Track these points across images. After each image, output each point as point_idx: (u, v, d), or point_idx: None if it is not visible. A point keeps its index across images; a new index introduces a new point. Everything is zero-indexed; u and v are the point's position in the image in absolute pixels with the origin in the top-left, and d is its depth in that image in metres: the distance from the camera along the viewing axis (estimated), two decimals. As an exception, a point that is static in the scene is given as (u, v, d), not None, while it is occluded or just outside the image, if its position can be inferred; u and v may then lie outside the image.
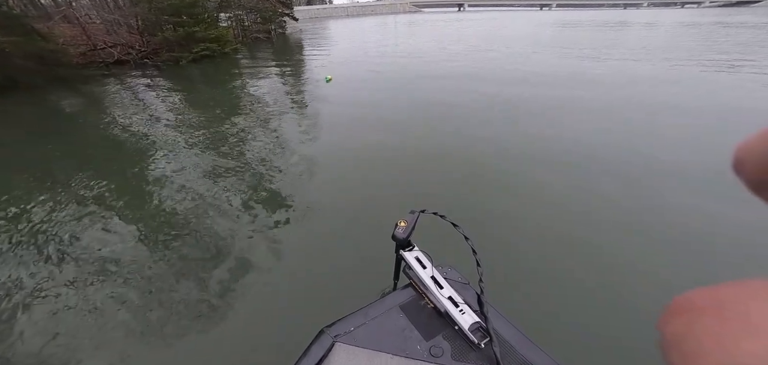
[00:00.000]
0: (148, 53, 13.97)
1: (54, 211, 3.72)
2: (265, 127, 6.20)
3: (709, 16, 34.66)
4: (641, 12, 53.84)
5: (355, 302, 1.22)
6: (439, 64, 11.57)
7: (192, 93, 9.31)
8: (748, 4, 70.58)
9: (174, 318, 2.36)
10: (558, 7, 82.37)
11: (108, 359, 2.14)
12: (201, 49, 13.57)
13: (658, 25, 24.08)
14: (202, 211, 3.54)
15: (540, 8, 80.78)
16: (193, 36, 13.29)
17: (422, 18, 47.43)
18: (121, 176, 4.48)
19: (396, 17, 54.50)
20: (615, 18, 35.60)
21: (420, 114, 6.44)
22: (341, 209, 3.50)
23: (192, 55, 13.30)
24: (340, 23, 42.48)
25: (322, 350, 1.01)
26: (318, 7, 70.22)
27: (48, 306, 2.51)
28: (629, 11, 61.42)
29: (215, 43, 14.08)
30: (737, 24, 22.79)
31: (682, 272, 2.54)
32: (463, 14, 58.89)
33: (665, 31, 19.74)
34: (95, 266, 2.87)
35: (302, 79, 10.42)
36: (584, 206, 3.41)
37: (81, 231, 3.33)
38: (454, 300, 1.11)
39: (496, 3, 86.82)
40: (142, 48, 14.18)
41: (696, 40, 15.07)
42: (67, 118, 7.60)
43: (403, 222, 1.30)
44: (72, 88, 10.14)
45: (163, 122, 6.64)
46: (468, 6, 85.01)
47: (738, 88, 7.35)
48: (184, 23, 13.20)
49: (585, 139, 5.04)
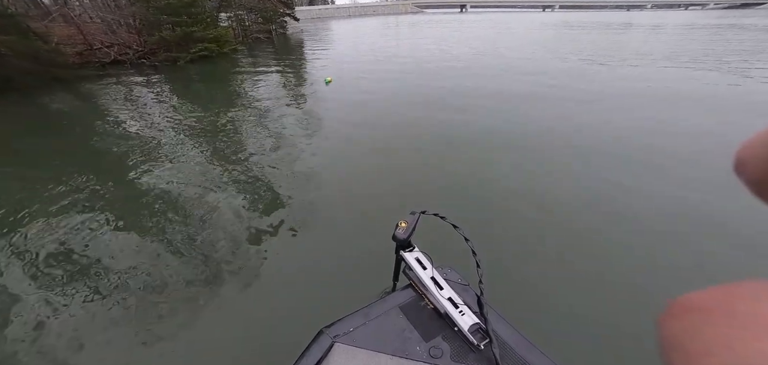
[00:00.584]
0: (146, 53, 13.80)
1: (42, 214, 3.62)
2: (262, 126, 6.11)
3: (725, 17, 34.20)
4: (645, 14, 53.51)
5: (354, 302, 1.21)
6: (440, 69, 11.33)
7: (188, 94, 9.11)
8: (753, 6, 70.05)
9: (171, 318, 2.35)
10: (561, 8, 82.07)
11: (108, 360, 2.13)
12: (199, 49, 13.37)
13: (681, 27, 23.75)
14: (199, 213, 3.50)
15: (542, 10, 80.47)
16: (191, 36, 13.09)
17: (424, 19, 47.21)
18: (113, 176, 4.44)
19: (398, 18, 54.39)
20: (620, 20, 35.24)
21: (421, 117, 6.34)
22: (341, 210, 3.48)
23: (190, 55, 13.09)
24: (342, 24, 42.43)
25: (321, 350, 1.01)
26: (320, 8, 70.21)
27: (38, 306, 2.49)
28: (633, 13, 61.15)
29: (214, 44, 13.88)
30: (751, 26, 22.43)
31: (684, 273, 2.54)
32: (466, 15, 58.72)
33: (700, 34, 19.41)
34: (87, 270, 2.81)
35: (302, 81, 10.22)
36: (586, 206, 3.41)
37: (74, 234, 3.25)
38: (454, 301, 1.11)
39: (499, 4, 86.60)
40: (139, 48, 14.01)
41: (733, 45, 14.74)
42: (60, 118, 7.48)
43: (403, 223, 1.30)
44: (68, 88, 9.98)
45: (158, 123, 6.53)
46: (470, 7, 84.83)
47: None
48: (181, 23, 13.00)
49: (590, 141, 4.99)
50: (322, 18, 61.65)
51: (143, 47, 13.96)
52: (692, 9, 72.48)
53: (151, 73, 11.77)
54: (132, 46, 14.30)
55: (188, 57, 13.08)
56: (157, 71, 12.13)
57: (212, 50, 13.79)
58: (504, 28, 26.97)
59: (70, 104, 8.73)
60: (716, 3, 75.99)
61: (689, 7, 79.17)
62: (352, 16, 66.42)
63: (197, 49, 13.25)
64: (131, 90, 9.67)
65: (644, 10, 76.15)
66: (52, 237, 3.21)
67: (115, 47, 14.43)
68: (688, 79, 8.53)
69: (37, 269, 2.85)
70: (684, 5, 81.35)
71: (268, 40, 23.37)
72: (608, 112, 6.16)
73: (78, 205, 3.75)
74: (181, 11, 13.23)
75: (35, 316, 2.40)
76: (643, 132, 5.19)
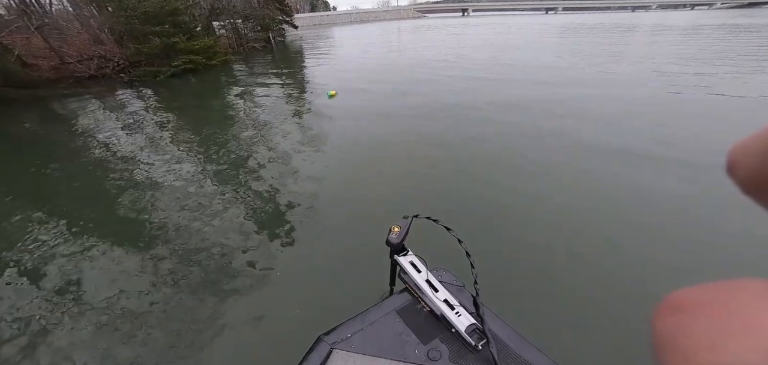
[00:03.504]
0: (126, 67, 12.68)
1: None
2: (259, 141, 5.79)
3: (736, 17, 32.82)
4: (650, 14, 52.31)
5: (353, 309, 1.20)
6: (441, 78, 10.08)
7: (163, 115, 7.89)
8: (761, 6, 68.46)
9: (168, 329, 2.34)
10: (564, 10, 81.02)
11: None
12: (180, 63, 12.00)
13: (699, 29, 22.35)
14: (193, 227, 3.42)
15: (545, 12, 79.40)
16: (174, 47, 11.87)
17: (426, 24, 46.22)
18: (99, 204, 4.15)
19: (399, 23, 53.61)
20: (627, 21, 34.00)
21: (428, 128, 5.91)
22: (339, 220, 3.42)
23: (171, 69, 11.76)
24: (344, 30, 41.76)
25: (319, 358, 1.01)
26: (321, 14, 69.73)
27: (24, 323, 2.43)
28: (638, 14, 60.26)
29: (200, 56, 12.67)
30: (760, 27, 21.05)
31: (679, 270, 2.53)
32: (468, 19, 57.80)
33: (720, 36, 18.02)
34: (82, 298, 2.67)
35: (301, 95, 9.06)
36: (578, 204, 3.43)
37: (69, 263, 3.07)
38: (450, 302, 1.11)
39: (501, 7, 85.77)
40: (122, 61, 12.91)
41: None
42: (21, 138, 6.84)
43: (396, 228, 1.31)
44: (30, 107, 8.85)
45: (124, 148, 5.88)
46: (472, 11, 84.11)
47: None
48: (160, 33, 11.78)
49: (588, 141, 4.90)
50: (323, 24, 61.01)
51: (125, 60, 12.85)
52: (698, 9, 71.12)
53: (125, 90, 10.53)
54: (114, 58, 13.23)
55: (169, 72, 11.74)
56: (132, 88, 10.81)
57: (198, 63, 12.53)
58: (515, 31, 25.73)
59: (36, 124, 7.82)
60: (723, 2, 74.33)
61: (695, 7, 77.72)
62: (353, 23, 65.83)
63: (179, 63, 11.92)
64: (101, 110, 8.59)
65: (650, 10, 74.99)
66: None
67: (95, 60, 13.39)
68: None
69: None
70: (690, 5, 79.93)
71: (265, 49, 22.30)
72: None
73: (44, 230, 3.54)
74: (165, 20, 12.10)
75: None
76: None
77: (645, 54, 12.32)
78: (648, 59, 11.12)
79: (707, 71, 8.82)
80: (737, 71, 8.66)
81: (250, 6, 22.83)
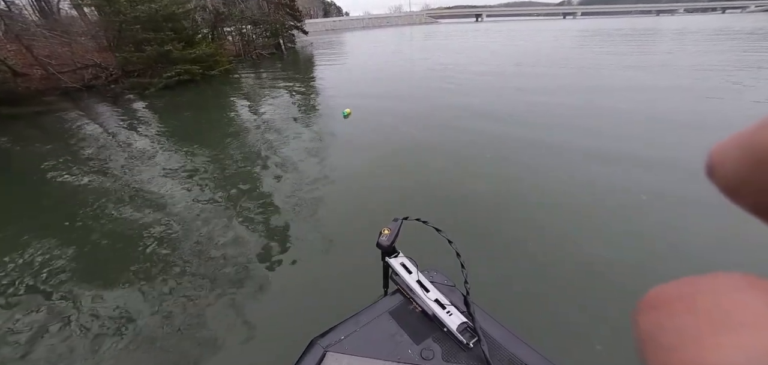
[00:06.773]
0: (118, 78, 11.66)
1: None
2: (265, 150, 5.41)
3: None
4: (676, 18, 49.53)
5: (345, 311, 1.18)
6: (443, 90, 8.76)
7: (150, 134, 6.67)
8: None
9: (161, 336, 2.29)
10: (583, 15, 78.30)
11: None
12: (174, 74, 10.75)
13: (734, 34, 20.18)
14: (186, 235, 3.31)
15: (563, 17, 76.87)
16: (167, 56, 10.75)
17: (439, 30, 44.82)
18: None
19: (412, 29, 52.42)
20: (655, 26, 31.71)
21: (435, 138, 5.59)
22: (334, 229, 3.32)
23: (164, 80, 10.52)
24: (356, 35, 40.84)
25: (313, 361, 1.01)
26: (334, 20, 69.38)
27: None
28: (663, 18, 57.43)
29: (197, 65, 11.55)
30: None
31: (666, 265, 2.53)
32: (482, 25, 56.18)
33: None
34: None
35: (311, 114, 7.81)
36: (569, 199, 3.45)
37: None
38: (441, 302, 1.12)
39: (516, 13, 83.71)
40: (112, 71, 11.92)
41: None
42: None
43: (386, 230, 1.30)
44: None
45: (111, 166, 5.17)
46: (486, 16, 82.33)
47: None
48: (153, 40, 10.65)
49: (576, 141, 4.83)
50: (336, 30, 60.43)
51: (118, 70, 11.87)
52: (730, 13, 67.29)
53: (109, 106, 9.35)
54: (108, 67, 12.31)
55: (161, 83, 10.49)
56: (115, 104, 9.58)
57: (194, 74, 11.33)
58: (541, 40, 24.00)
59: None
60: (758, 6, 70.04)
61: (726, 10, 73.71)
62: (366, 28, 65.15)
63: (172, 74, 10.66)
64: (87, 124, 7.61)
65: (676, 14, 71.56)
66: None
67: (90, 69, 12.52)
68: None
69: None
70: (721, 9, 75.92)
71: (274, 55, 21.30)
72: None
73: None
74: (162, 25, 11.05)
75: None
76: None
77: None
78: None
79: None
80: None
81: (261, 11, 21.94)
